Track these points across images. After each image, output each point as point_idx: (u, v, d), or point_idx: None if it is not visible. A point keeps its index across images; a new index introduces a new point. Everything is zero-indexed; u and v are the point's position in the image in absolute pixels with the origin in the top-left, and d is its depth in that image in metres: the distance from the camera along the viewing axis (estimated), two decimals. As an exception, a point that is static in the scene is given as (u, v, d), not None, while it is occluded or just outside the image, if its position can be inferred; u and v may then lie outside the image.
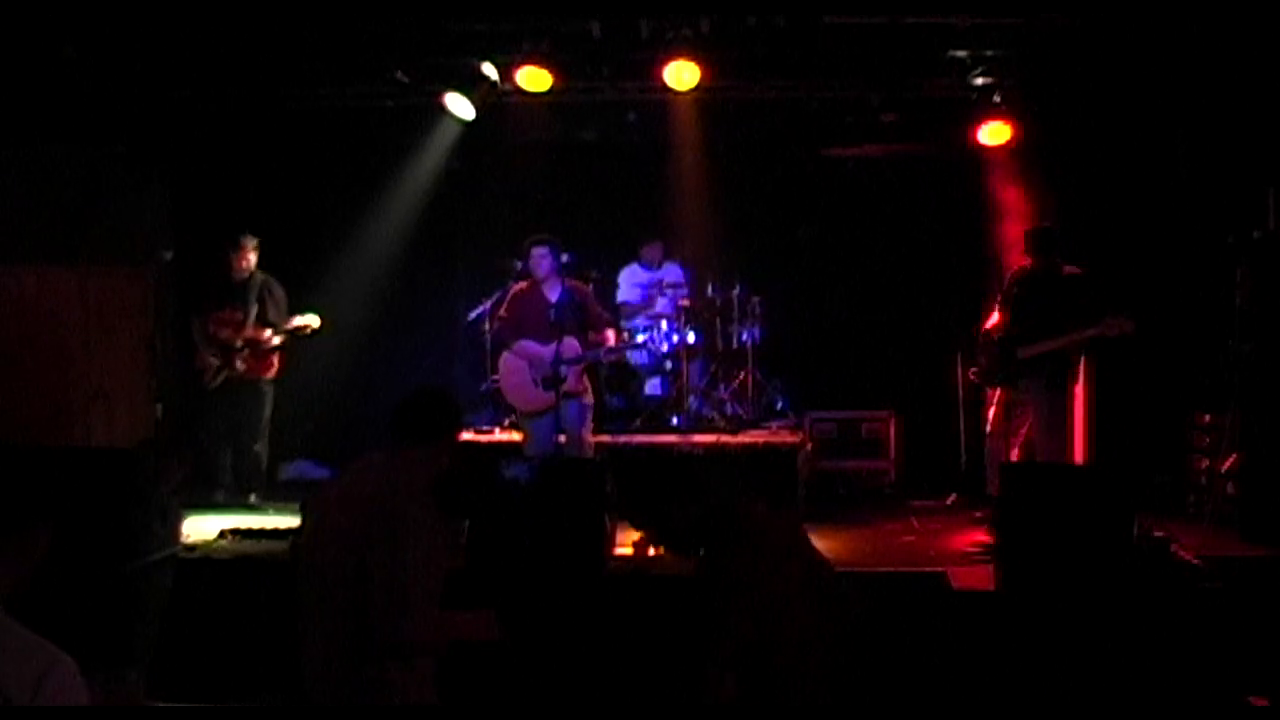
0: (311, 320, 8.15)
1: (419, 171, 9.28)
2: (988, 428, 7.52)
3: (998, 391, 7.47)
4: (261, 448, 8.23)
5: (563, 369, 7.32)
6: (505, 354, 7.65)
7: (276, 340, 8.11)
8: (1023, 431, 7.35)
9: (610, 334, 7.63)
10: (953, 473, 8.39)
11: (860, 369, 9.50)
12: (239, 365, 8.05)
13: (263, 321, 8.12)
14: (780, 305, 9.39)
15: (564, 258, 7.54)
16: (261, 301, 8.13)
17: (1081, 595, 5.41)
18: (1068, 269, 7.25)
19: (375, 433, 3.83)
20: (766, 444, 8.28)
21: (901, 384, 9.25)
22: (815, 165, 9.54)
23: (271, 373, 8.19)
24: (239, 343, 8.06)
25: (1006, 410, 7.44)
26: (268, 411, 8.21)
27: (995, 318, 7.46)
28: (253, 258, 8.17)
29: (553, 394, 7.30)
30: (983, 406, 7.84)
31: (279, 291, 8.25)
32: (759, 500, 3.79)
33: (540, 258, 7.45)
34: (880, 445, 9.04)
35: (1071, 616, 5.36)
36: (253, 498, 8.06)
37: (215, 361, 8.05)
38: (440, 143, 9.10)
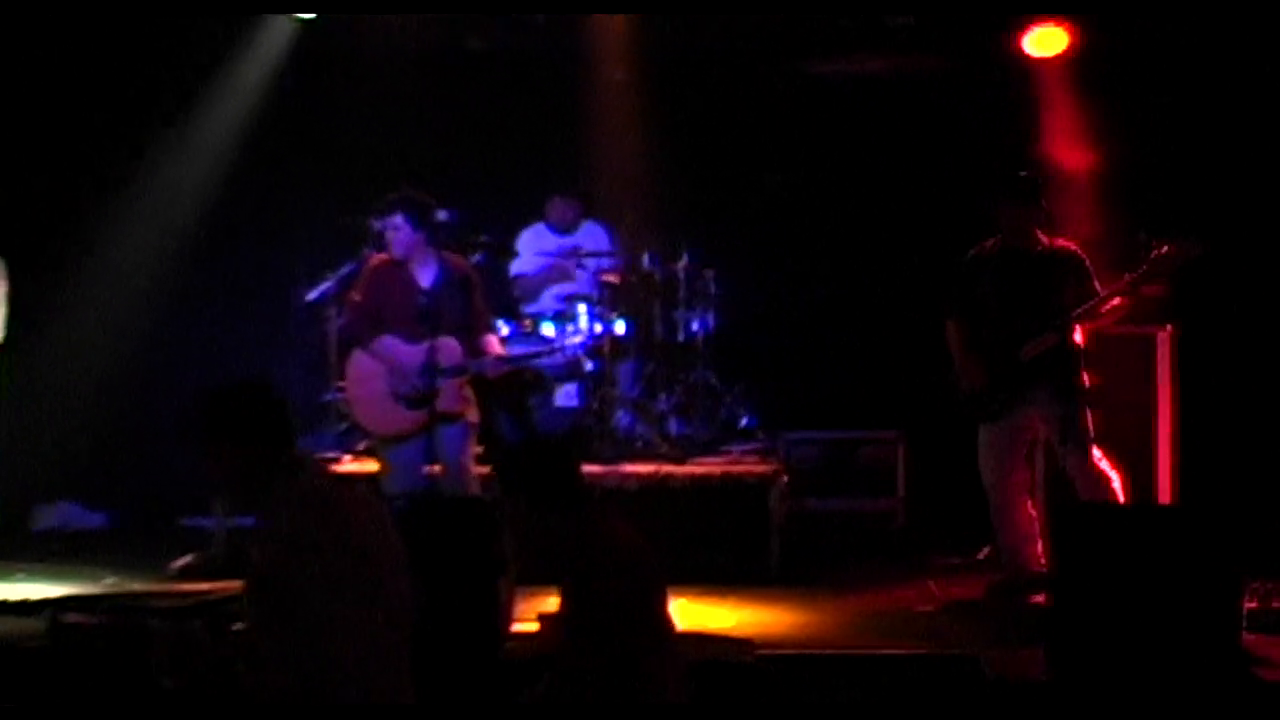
0: None
1: (233, 93, 9.30)
2: (991, 477, 7.52)
3: (993, 425, 7.51)
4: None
5: (437, 381, 7.24)
6: (357, 353, 7.58)
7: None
8: (1035, 473, 7.62)
9: (493, 341, 7.63)
10: (983, 515, 8.07)
11: (855, 372, 9.61)
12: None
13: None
14: (743, 282, 9.49)
15: (441, 216, 7.54)
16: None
17: (1164, 692, 5.46)
18: (1059, 242, 7.44)
19: (164, 461, 3.89)
20: (726, 476, 8.35)
21: (912, 392, 9.30)
22: (792, 86, 9.69)
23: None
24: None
25: (1009, 444, 7.47)
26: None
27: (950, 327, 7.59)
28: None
29: (421, 414, 7.28)
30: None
31: None
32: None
33: (396, 229, 7.37)
34: (884, 477, 9.13)
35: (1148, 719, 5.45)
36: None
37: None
38: (266, 52, 9.18)
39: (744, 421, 9.22)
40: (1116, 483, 7.24)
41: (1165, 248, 7.01)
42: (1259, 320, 8.80)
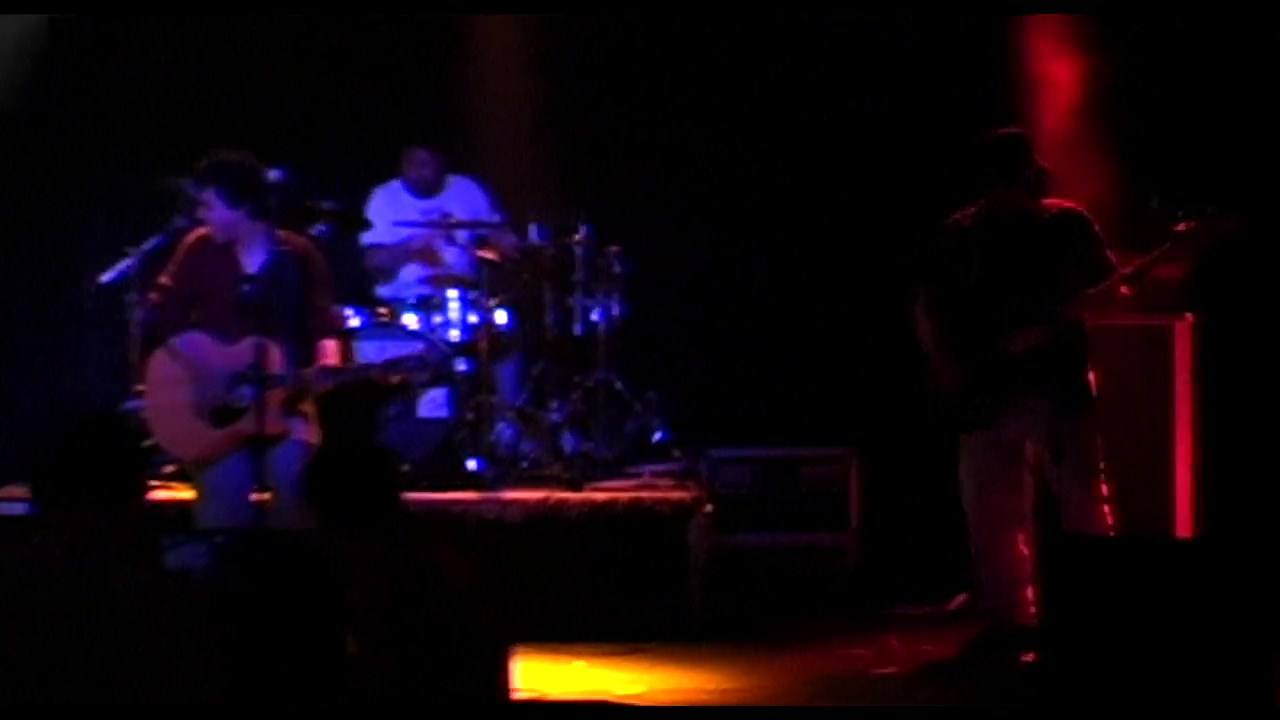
0: None
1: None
2: (971, 504, 7.60)
3: (975, 436, 7.56)
4: None
5: (243, 392, 7.20)
6: (158, 353, 7.59)
7: None
8: (1027, 503, 7.59)
9: (327, 349, 7.64)
10: (960, 553, 8.09)
11: (796, 373, 9.68)
12: None
13: None
14: (657, 261, 9.50)
15: (271, 177, 7.49)
16: None
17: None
18: (1058, 204, 7.49)
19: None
20: (635, 504, 8.35)
21: (868, 398, 9.42)
22: (722, 16, 9.63)
23: None
24: None
25: (993, 462, 7.53)
26: None
27: (920, 317, 7.68)
28: None
29: (229, 433, 7.33)
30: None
31: None
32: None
33: (209, 208, 7.39)
34: (833, 505, 9.14)
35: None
36: None
37: None
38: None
39: (657, 436, 9.24)
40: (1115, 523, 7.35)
41: (1188, 223, 7.06)
42: None
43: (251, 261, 7.44)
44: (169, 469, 8.49)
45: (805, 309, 9.86)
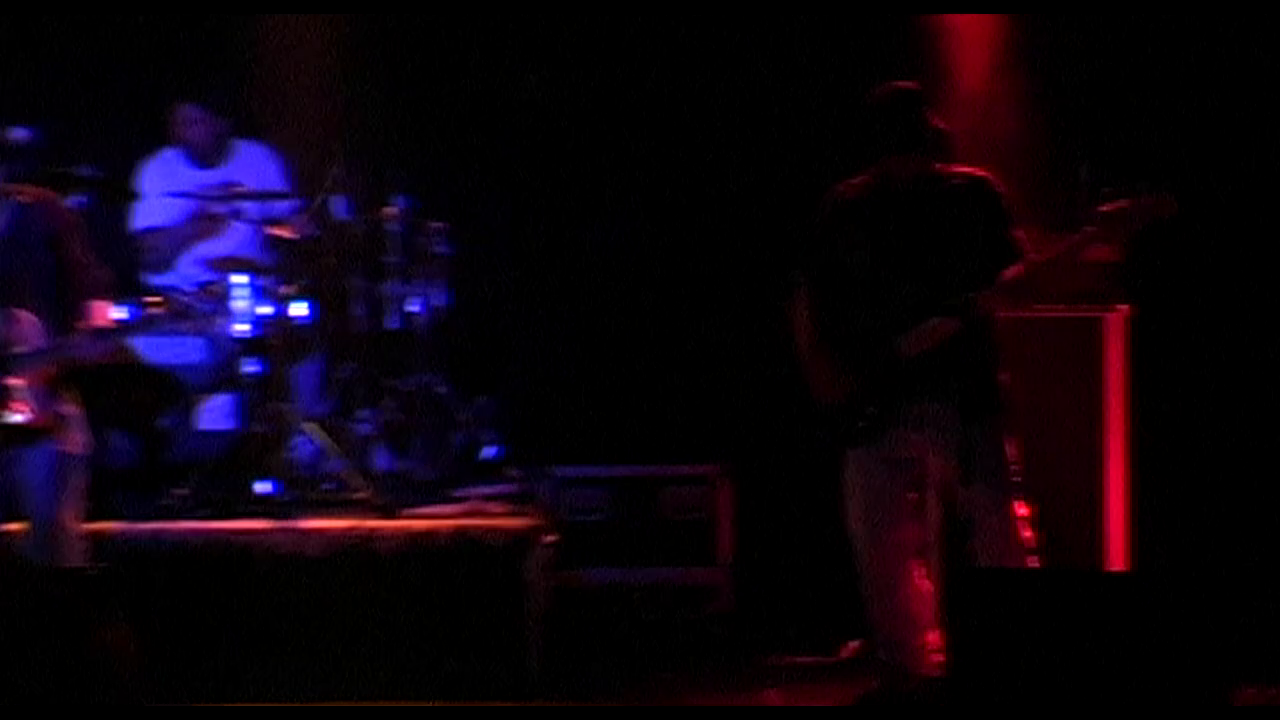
0: None
1: None
2: (861, 532, 7.58)
3: (865, 452, 7.56)
4: None
5: None
6: None
7: None
8: (929, 530, 7.70)
9: (98, 310, 7.67)
10: (850, 591, 7.94)
11: (655, 377, 9.77)
12: None
13: None
14: (488, 242, 9.83)
15: (15, 137, 7.52)
16: None
17: None
18: (963, 171, 7.46)
19: None
20: (461, 535, 8.31)
21: (741, 407, 9.54)
22: None
23: None
24: None
25: (887, 483, 7.51)
26: None
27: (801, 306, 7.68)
28: None
29: None
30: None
31: None
32: None
33: None
34: (699, 534, 9.08)
35: None
36: None
37: None
38: None
39: (488, 452, 9.34)
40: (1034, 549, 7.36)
41: (1116, 203, 7.04)
42: (1241, 301, 9.06)
43: None
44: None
45: (666, 299, 9.92)
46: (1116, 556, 8.27)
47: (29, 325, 7.29)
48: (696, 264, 9.87)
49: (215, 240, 9.36)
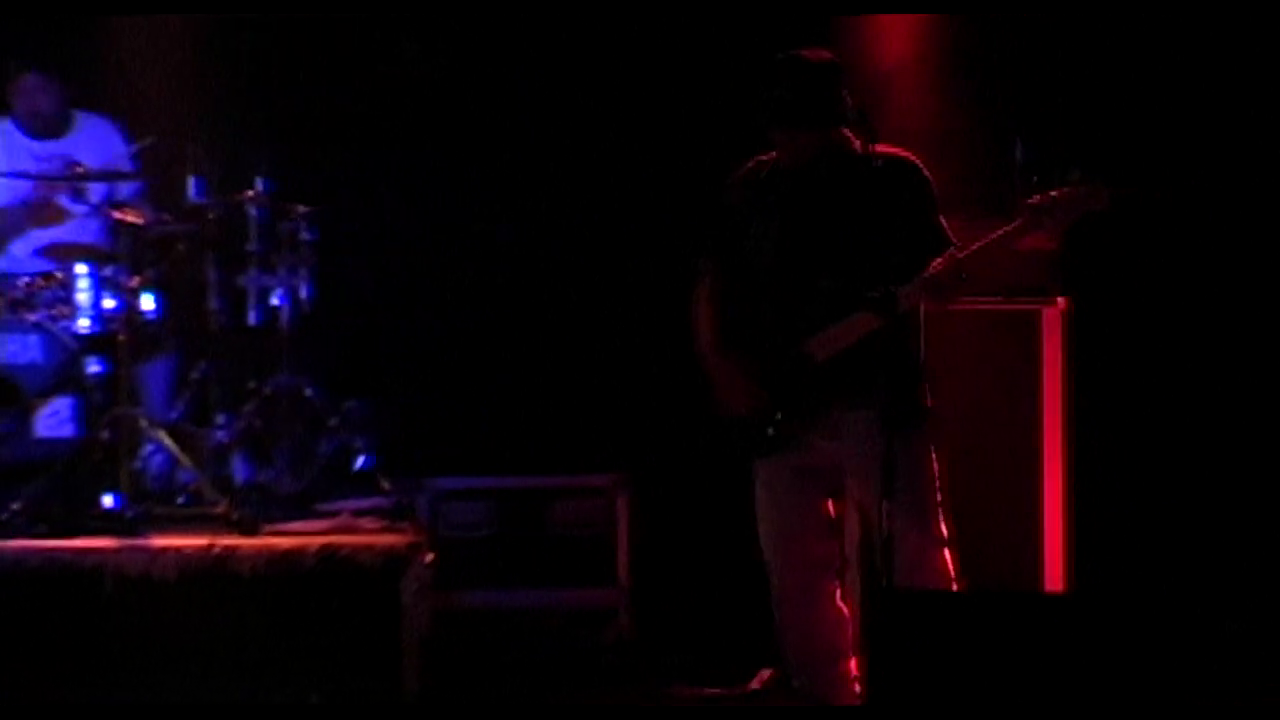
0: None
1: None
2: (772, 551, 7.56)
3: (775, 462, 7.54)
4: None
5: None
6: None
7: None
8: (846, 547, 7.71)
9: None
10: (763, 614, 7.87)
11: (547, 378, 9.86)
12: None
13: None
14: (359, 228, 9.81)
15: None
16: None
17: None
18: (882, 151, 7.29)
19: None
20: (330, 554, 8.28)
21: (638, 415, 9.66)
22: None
23: None
24: None
25: (798, 498, 7.48)
26: None
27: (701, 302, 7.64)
28: None
29: None
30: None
31: None
32: None
33: None
34: (595, 553, 9.12)
35: None
36: None
37: None
38: None
39: (360, 461, 9.23)
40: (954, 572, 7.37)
41: (1046, 194, 7.02)
42: (1188, 292, 9.20)
43: None
44: None
45: (557, 292, 10.00)
46: (1053, 572, 8.30)
47: None
48: (591, 253, 9.95)
49: (53, 225, 9.33)
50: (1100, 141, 8.61)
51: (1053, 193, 6.98)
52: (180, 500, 8.89)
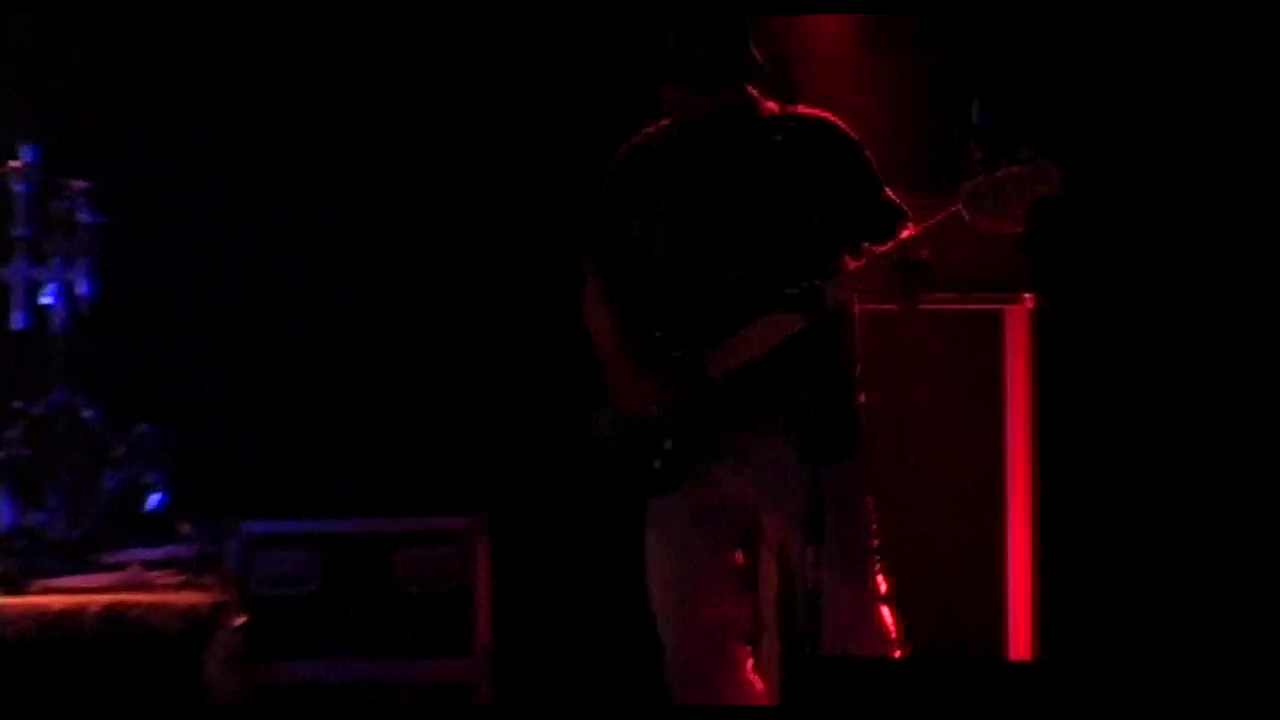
0: None
1: None
2: (667, 607, 7.53)
3: (669, 501, 7.45)
4: None
5: None
6: None
7: None
8: (761, 606, 7.75)
9: None
10: (655, 688, 7.85)
11: (386, 398, 9.93)
12: None
13: None
14: (151, 209, 9.76)
15: None
16: None
17: None
18: (794, 114, 7.30)
19: None
20: (115, 617, 8.23)
21: (502, 443, 9.76)
22: None
23: None
24: None
25: (700, 543, 7.40)
26: None
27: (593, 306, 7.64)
28: None
29: None
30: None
31: None
32: None
33: None
34: (449, 613, 9.05)
35: None
36: None
37: None
38: None
39: (152, 500, 9.23)
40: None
41: (998, 172, 6.78)
42: (1170, 291, 9.35)
43: None
44: None
45: (406, 289, 10.03)
46: (1018, 636, 8.32)
47: None
48: (442, 249, 10.03)
49: None
50: (1068, 115, 8.78)
51: (997, 174, 6.76)
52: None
